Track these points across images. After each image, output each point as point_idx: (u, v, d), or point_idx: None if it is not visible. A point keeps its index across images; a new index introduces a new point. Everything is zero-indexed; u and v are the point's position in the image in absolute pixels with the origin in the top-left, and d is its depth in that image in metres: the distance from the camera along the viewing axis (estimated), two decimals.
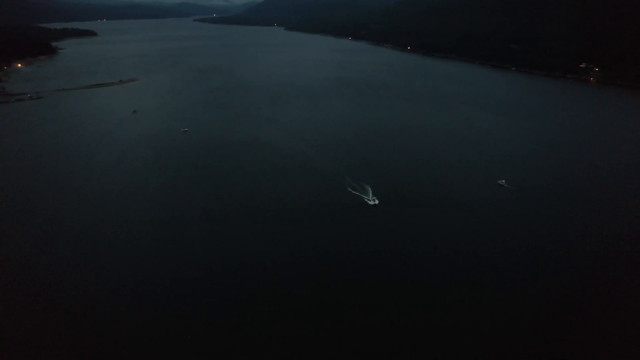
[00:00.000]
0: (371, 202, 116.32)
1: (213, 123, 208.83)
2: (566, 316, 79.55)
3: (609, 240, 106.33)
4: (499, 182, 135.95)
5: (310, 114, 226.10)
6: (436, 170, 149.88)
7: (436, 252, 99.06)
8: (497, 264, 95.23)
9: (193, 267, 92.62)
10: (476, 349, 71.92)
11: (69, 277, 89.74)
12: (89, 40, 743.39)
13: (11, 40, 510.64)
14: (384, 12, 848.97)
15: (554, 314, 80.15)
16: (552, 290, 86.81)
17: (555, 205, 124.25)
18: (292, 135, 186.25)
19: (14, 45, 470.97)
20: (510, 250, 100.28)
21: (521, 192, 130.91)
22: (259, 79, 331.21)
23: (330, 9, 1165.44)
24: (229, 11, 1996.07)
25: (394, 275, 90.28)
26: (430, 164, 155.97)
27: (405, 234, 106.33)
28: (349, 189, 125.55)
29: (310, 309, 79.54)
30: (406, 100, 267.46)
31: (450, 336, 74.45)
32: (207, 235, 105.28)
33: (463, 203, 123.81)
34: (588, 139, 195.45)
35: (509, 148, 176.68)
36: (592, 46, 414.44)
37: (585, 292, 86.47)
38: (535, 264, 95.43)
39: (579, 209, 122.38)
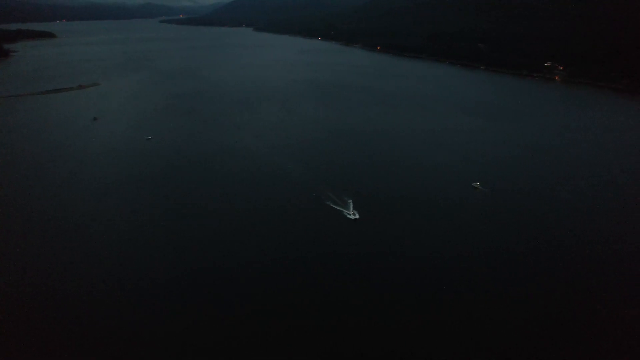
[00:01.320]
0: (351, 217, 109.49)
1: (179, 130, 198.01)
2: (543, 315, 79.57)
3: (583, 241, 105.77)
4: (474, 184, 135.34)
5: (283, 119, 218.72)
6: (412, 175, 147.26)
7: (414, 256, 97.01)
8: (473, 267, 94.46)
9: (152, 294, 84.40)
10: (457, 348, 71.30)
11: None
12: (46, 42, 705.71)
13: None
14: (353, 13, 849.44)
15: (530, 313, 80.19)
16: (530, 290, 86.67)
17: (529, 207, 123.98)
18: (264, 143, 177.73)
19: None
20: (485, 253, 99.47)
21: (495, 195, 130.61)
22: (228, 83, 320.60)
23: (299, 9, 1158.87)
24: (196, 12, 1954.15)
25: (376, 279, 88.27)
26: (406, 169, 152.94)
27: (385, 241, 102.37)
28: (329, 203, 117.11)
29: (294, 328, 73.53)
30: (381, 102, 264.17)
31: (435, 336, 73.63)
32: (170, 262, 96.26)
33: (438, 208, 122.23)
34: (559, 138, 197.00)
35: (483, 149, 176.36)
36: (556, 45, 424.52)
37: (560, 292, 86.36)
38: (510, 266, 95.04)
39: (553, 210, 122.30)
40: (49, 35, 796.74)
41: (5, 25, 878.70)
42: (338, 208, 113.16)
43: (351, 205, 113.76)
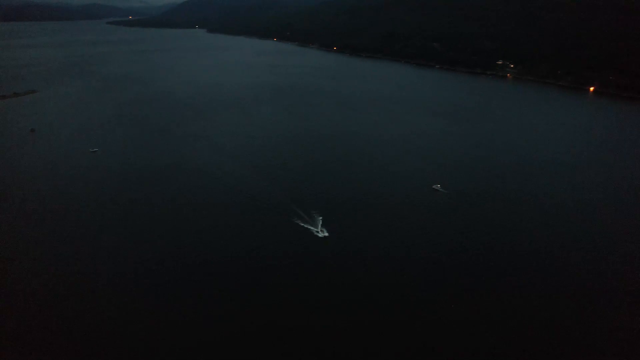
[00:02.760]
0: (320, 235, 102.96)
1: (129, 142, 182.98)
2: (502, 314, 79.20)
3: (541, 239, 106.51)
4: (434, 186, 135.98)
5: (242, 127, 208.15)
6: (376, 180, 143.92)
7: (383, 271, 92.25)
8: (435, 270, 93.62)
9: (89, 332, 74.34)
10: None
11: None
12: None
13: None
14: (308, 13, 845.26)
15: (491, 312, 79.55)
16: (493, 290, 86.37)
17: (487, 207, 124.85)
18: (224, 155, 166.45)
19: None
20: (445, 256, 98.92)
21: (455, 196, 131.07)
22: (181, 88, 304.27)
23: (254, 10, 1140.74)
24: (146, 13, 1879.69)
25: (348, 282, 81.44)
26: (369, 174, 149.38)
27: (355, 258, 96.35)
28: (297, 222, 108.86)
29: None
30: (342, 105, 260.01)
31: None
32: (113, 300, 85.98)
33: (402, 213, 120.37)
34: (516, 137, 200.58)
35: (443, 151, 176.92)
36: (506, 44, 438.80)
37: (521, 291, 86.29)
38: (470, 267, 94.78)
39: (511, 210, 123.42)
40: None
41: None
42: (307, 226, 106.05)
43: (320, 223, 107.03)
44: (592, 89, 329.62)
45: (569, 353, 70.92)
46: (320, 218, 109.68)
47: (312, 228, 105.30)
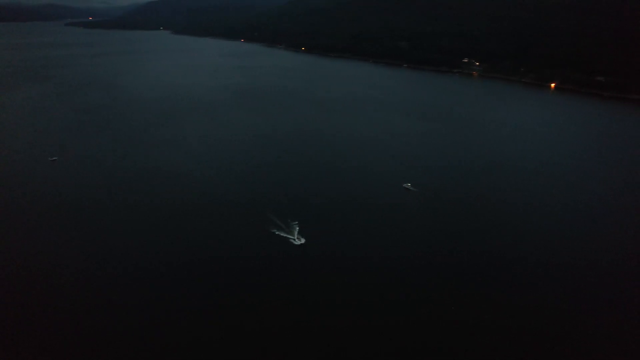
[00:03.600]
0: (297, 242, 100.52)
1: (90, 149, 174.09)
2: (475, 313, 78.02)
3: (512, 236, 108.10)
4: (405, 185, 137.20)
5: (212, 130, 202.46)
6: (348, 180, 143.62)
7: (360, 272, 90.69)
8: (408, 269, 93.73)
9: None
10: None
11: None
12: None
13: None
14: (276, 13, 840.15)
15: (463, 311, 79.49)
16: (465, 289, 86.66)
17: (456, 204, 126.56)
18: (193, 160, 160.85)
19: None
20: (418, 254, 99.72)
21: (425, 194, 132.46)
22: (146, 92, 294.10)
23: (221, 11, 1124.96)
24: (107, 14, 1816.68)
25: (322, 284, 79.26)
26: (342, 175, 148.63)
27: (332, 265, 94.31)
28: (274, 231, 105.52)
29: None
30: (314, 106, 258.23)
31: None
32: (77, 325, 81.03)
33: (375, 213, 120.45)
34: (483, 134, 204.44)
35: (413, 150, 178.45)
36: (472, 43, 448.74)
37: (490, 289, 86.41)
38: (442, 265, 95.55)
39: (481, 208, 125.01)
40: None
41: None
42: (283, 234, 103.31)
43: (296, 230, 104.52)
44: (553, 85, 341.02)
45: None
46: (297, 224, 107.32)
47: (289, 236, 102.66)
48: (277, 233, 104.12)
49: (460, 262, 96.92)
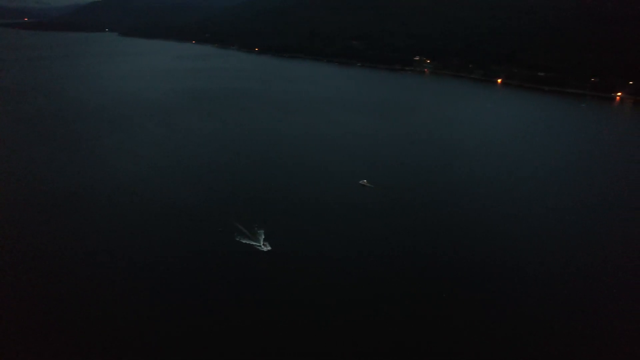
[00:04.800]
0: (264, 249, 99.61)
1: (31, 161, 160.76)
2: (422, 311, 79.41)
3: (469, 232, 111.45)
4: (361, 182, 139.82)
5: (168, 136, 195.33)
6: (308, 180, 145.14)
7: (323, 273, 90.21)
8: (360, 263, 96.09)
9: None
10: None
11: None
12: None
13: None
14: (228, 14, 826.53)
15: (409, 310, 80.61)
16: (422, 286, 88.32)
17: (411, 199, 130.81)
18: (150, 168, 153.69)
19: None
20: (376, 251, 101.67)
21: (381, 190, 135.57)
22: (93, 99, 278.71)
23: (170, 11, 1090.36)
24: (45, 15, 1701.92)
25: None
26: (302, 175, 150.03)
27: (296, 270, 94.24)
28: (238, 239, 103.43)
29: None
30: (271, 107, 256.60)
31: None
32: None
33: (334, 211, 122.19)
34: (438, 129, 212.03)
35: (369, 147, 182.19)
36: (422, 41, 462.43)
37: (442, 287, 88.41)
38: (401, 259, 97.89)
39: (435, 199, 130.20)
40: None
41: None
42: (249, 242, 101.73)
43: (262, 237, 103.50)
44: (499, 81, 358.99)
45: None
46: (262, 231, 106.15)
47: (254, 243, 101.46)
48: (243, 241, 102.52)
49: (419, 257, 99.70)
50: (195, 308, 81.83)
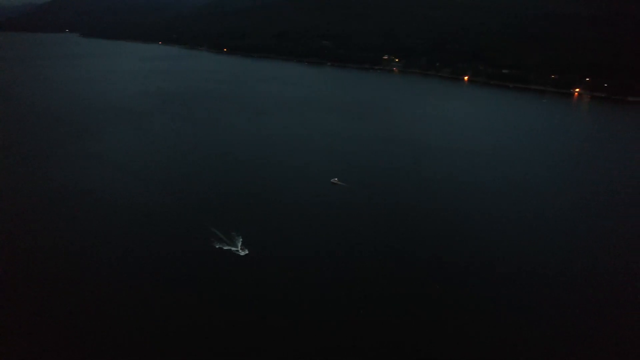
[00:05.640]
0: (241, 253, 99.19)
1: None
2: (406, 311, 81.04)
3: (440, 227, 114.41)
4: (332, 180, 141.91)
5: (138, 141, 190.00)
6: (281, 181, 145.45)
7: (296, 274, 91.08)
8: (337, 263, 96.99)
9: None
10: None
11: None
12: None
13: None
14: (195, 14, 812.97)
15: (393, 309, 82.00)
16: (401, 285, 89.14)
17: (383, 197, 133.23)
18: (120, 174, 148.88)
19: None
20: (347, 247, 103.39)
21: (352, 188, 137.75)
22: (56, 103, 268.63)
23: (135, 12, 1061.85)
24: None
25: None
26: (275, 176, 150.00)
27: (270, 261, 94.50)
28: (216, 245, 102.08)
29: None
30: (244, 109, 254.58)
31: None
32: None
33: (306, 210, 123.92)
34: (409, 128, 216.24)
35: (341, 146, 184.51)
36: (390, 40, 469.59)
37: (417, 284, 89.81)
38: (378, 258, 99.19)
39: (407, 198, 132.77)
40: None
41: None
42: (227, 248, 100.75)
43: (239, 241, 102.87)
44: (466, 78, 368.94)
45: None
46: (239, 235, 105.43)
47: (232, 248, 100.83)
48: (220, 247, 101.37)
49: (395, 255, 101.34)
50: (172, 315, 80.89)
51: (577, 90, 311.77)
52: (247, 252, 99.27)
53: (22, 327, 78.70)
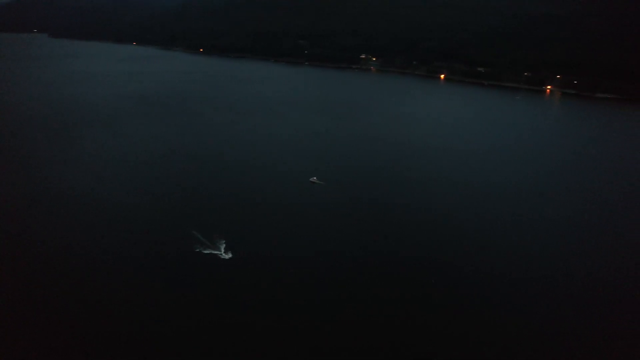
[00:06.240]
0: (225, 256, 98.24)
1: None
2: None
3: (422, 224, 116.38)
4: (311, 179, 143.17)
5: (115, 144, 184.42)
6: (260, 182, 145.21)
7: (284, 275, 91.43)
8: (320, 263, 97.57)
9: None
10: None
11: None
12: None
13: None
14: (170, 15, 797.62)
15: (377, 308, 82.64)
16: (377, 280, 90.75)
17: (362, 195, 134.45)
18: (97, 180, 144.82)
19: None
20: (327, 247, 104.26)
21: (331, 187, 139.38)
22: (26, 105, 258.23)
23: (108, 11, 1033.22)
24: None
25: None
26: (256, 177, 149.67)
27: (258, 277, 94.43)
28: (198, 249, 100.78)
29: None
30: (220, 110, 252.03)
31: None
32: None
33: (282, 206, 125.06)
34: (387, 127, 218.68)
35: (319, 145, 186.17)
36: (367, 39, 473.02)
37: (398, 283, 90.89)
38: (360, 257, 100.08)
39: (385, 196, 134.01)
40: None
41: None
42: (211, 252, 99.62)
43: (223, 245, 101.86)
44: (442, 76, 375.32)
45: None
46: (222, 238, 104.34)
47: (215, 252, 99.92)
48: (203, 251, 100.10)
49: (376, 255, 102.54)
50: (159, 320, 79.85)
51: (549, 87, 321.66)
52: (230, 255, 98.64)
53: None
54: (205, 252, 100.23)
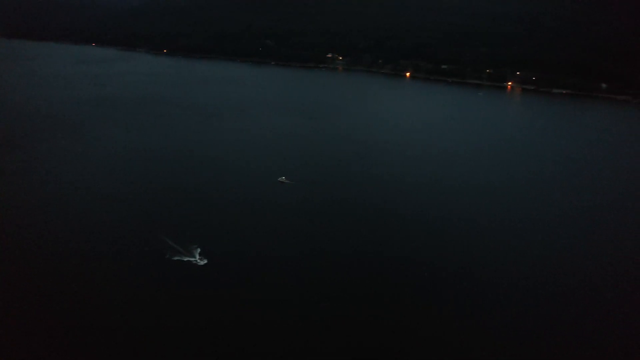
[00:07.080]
0: (200, 263, 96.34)
1: None
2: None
3: (388, 223, 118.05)
4: (280, 179, 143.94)
5: (79, 151, 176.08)
6: (230, 182, 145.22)
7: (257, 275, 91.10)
8: (297, 263, 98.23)
9: None
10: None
11: None
12: None
13: None
14: (132, 14, 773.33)
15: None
16: (359, 285, 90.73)
17: (331, 194, 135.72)
18: (60, 188, 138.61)
19: None
20: (297, 247, 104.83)
21: (300, 186, 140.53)
22: None
23: (64, 10, 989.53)
24: None
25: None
26: (225, 178, 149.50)
27: (230, 268, 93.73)
28: (172, 257, 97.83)
29: None
30: (188, 112, 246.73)
31: None
32: None
33: (255, 209, 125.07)
34: (356, 126, 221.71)
35: (287, 146, 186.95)
36: (333, 38, 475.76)
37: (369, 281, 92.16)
38: (333, 257, 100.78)
39: (353, 195, 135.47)
40: None
41: None
42: (185, 259, 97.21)
43: (197, 251, 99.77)
44: (408, 74, 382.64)
45: None
46: (196, 244, 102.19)
47: (190, 259, 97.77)
48: (177, 259, 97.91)
49: (350, 253, 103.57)
50: (134, 331, 78.12)
51: (510, 83, 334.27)
52: (205, 261, 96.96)
53: None
54: (177, 258, 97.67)
